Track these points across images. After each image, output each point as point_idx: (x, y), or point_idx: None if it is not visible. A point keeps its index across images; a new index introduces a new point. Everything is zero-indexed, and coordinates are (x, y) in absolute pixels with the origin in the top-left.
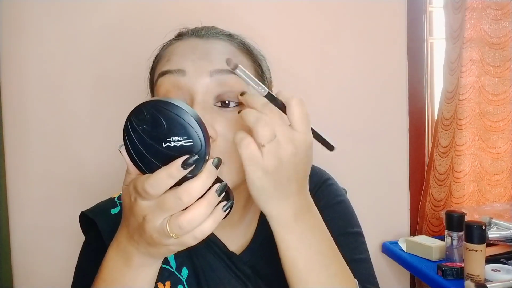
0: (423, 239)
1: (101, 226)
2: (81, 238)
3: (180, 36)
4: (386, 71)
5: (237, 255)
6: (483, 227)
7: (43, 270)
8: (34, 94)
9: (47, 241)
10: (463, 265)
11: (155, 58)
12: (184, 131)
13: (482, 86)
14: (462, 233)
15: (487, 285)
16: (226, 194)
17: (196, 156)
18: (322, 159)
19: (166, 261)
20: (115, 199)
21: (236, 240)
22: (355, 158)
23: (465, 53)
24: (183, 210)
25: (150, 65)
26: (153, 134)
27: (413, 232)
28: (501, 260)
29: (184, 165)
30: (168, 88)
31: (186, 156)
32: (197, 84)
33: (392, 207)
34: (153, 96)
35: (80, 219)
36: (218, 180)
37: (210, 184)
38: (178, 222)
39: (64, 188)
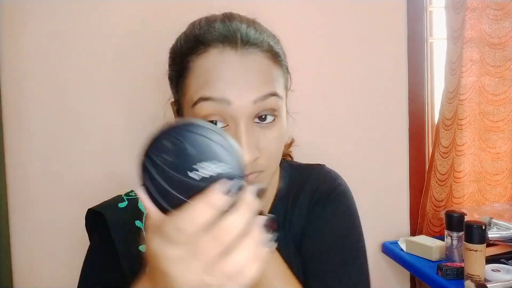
0: (423, 239)
1: (109, 218)
2: (81, 237)
3: (207, 42)
4: (386, 71)
5: None
6: (483, 227)
7: (43, 270)
8: (34, 94)
9: (47, 241)
10: (463, 265)
11: (181, 65)
12: (217, 155)
13: (482, 86)
14: (462, 233)
15: (487, 285)
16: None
17: (241, 181)
18: (323, 160)
19: None
20: (123, 196)
21: None
22: (355, 158)
23: (465, 53)
24: (222, 253)
25: (173, 67)
26: (177, 165)
27: (413, 232)
28: (501, 260)
29: (228, 191)
30: (210, 113)
31: (226, 180)
32: (241, 111)
33: (392, 207)
34: (178, 97)
35: (86, 217)
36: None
37: (251, 217)
38: (222, 269)
39: (64, 188)
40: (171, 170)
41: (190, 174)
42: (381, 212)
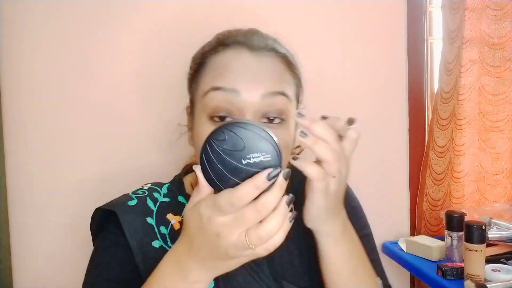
0: (423, 239)
1: (121, 216)
2: (81, 237)
3: (226, 43)
4: (386, 71)
5: (263, 258)
6: (483, 227)
7: (43, 270)
8: (34, 94)
9: (47, 241)
10: (463, 265)
11: (200, 62)
12: (262, 148)
13: (482, 86)
14: (462, 233)
15: (487, 285)
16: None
17: (279, 169)
18: None
19: None
20: (130, 194)
21: None
22: (355, 158)
23: (465, 53)
24: (259, 222)
25: (193, 66)
26: (233, 153)
27: (413, 232)
28: (501, 260)
29: (269, 177)
30: (219, 103)
31: (270, 169)
32: (248, 104)
33: (392, 207)
34: (193, 98)
35: (93, 217)
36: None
37: (281, 196)
38: (258, 233)
39: (64, 188)
40: (228, 157)
41: (243, 161)
42: (381, 212)
